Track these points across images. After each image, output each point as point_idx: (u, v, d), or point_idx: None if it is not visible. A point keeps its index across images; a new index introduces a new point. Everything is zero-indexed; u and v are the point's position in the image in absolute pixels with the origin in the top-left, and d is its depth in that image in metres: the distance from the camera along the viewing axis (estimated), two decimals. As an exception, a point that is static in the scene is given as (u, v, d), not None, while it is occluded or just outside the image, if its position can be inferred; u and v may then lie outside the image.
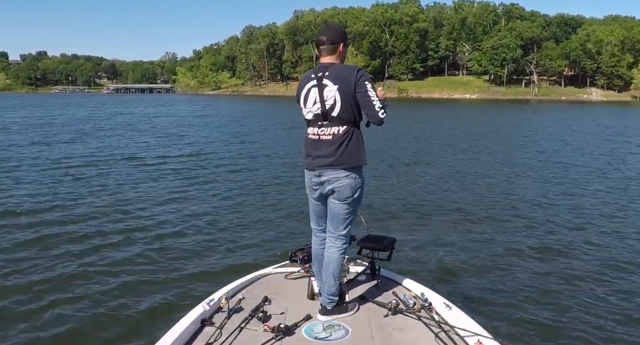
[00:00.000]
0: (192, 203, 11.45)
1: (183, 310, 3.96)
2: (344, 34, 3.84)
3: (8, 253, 7.83)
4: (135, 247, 8.27)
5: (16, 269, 7.19)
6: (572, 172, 16.21)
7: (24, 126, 32.94)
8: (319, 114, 3.70)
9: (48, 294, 6.35)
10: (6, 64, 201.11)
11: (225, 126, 35.15)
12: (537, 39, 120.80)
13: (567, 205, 11.63)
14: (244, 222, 9.91)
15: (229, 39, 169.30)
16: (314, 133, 3.76)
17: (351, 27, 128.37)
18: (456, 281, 7.04)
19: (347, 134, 3.66)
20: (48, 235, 8.74)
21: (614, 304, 6.32)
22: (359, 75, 3.58)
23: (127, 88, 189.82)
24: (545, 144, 24.47)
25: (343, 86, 3.59)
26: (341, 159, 3.67)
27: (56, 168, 15.77)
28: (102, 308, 5.99)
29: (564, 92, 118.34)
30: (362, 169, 3.79)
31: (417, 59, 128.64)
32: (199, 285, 6.63)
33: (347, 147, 3.66)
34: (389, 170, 16.43)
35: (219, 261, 7.69)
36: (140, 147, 22.09)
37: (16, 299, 6.21)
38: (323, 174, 3.74)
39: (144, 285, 6.72)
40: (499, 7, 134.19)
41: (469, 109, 66.77)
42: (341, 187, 3.73)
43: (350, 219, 3.87)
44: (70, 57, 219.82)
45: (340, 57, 3.79)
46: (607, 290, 6.74)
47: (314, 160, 3.77)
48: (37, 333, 5.42)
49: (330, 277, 3.85)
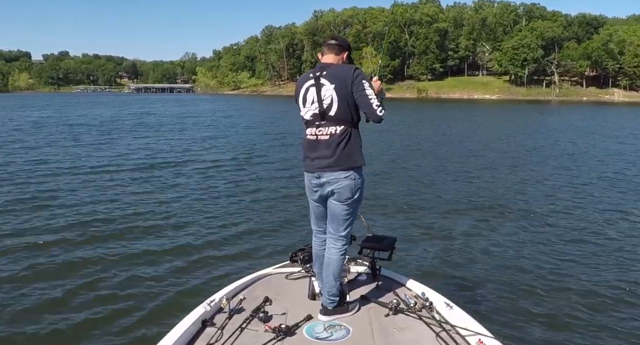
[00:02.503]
0: (192, 203, 11.51)
1: (184, 310, 3.98)
2: (351, 48, 3.92)
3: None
4: (135, 247, 8.32)
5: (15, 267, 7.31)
6: (583, 177, 16.03)
7: (62, 125, 33.62)
8: (316, 114, 3.70)
9: (48, 293, 6.41)
10: (29, 63, 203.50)
11: (240, 127, 35.24)
12: (559, 39, 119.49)
13: (570, 205, 11.64)
14: (244, 222, 9.96)
15: (248, 39, 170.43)
16: (312, 134, 3.75)
17: (370, 27, 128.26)
18: (457, 281, 7.04)
19: (344, 134, 3.65)
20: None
21: (617, 304, 6.30)
22: (356, 74, 3.58)
23: (147, 88, 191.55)
24: (558, 148, 24.22)
25: (340, 85, 3.59)
26: (339, 160, 3.65)
27: (75, 172, 15.88)
28: (103, 308, 6.03)
29: (585, 93, 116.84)
30: (362, 170, 3.77)
31: (437, 59, 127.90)
32: (199, 285, 6.66)
33: (345, 148, 3.64)
34: (390, 170, 16.47)
35: (219, 261, 7.72)
36: (154, 149, 22.34)
37: (15, 297, 6.28)
38: (322, 176, 3.73)
39: (145, 286, 6.75)
40: (520, 7, 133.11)
41: (487, 110, 66.14)
42: (341, 189, 3.71)
43: (351, 220, 3.86)
44: (92, 57, 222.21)
45: (346, 60, 3.83)
46: (610, 290, 6.71)
47: (312, 162, 3.76)
48: (37, 333, 5.45)
49: (330, 277, 3.84)
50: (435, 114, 54.20)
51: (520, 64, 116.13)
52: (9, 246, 8.11)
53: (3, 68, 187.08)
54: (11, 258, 7.59)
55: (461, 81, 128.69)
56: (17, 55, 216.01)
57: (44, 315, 5.82)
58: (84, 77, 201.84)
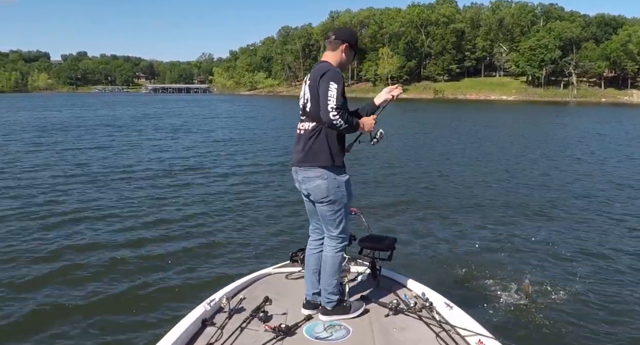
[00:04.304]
0: (192, 203, 11.54)
1: (184, 310, 4.00)
2: (353, 37, 3.83)
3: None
4: (135, 247, 8.34)
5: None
6: (584, 170, 15.95)
7: (98, 125, 34.14)
8: (301, 108, 3.78)
9: (48, 293, 6.45)
10: (48, 64, 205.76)
11: (256, 128, 35.32)
12: (577, 40, 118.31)
13: (570, 205, 11.66)
14: (244, 222, 9.98)
15: (265, 39, 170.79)
16: (297, 127, 3.82)
17: (387, 28, 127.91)
18: (457, 281, 7.03)
19: (314, 131, 3.64)
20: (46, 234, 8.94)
21: (616, 304, 6.28)
22: (325, 73, 3.53)
23: (165, 88, 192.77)
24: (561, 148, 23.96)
25: (312, 83, 3.62)
26: (307, 157, 3.66)
27: (77, 173, 16.08)
28: (103, 308, 6.06)
29: (603, 94, 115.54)
30: (341, 170, 3.71)
31: (454, 60, 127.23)
32: (199, 285, 6.68)
33: (312, 145, 3.64)
34: (391, 170, 16.48)
35: (220, 261, 7.74)
36: (166, 150, 22.51)
37: (15, 297, 6.33)
38: (297, 172, 3.78)
39: (145, 285, 6.78)
40: (537, 7, 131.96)
41: (502, 111, 65.50)
42: (313, 188, 3.70)
43: (339, 220, 3.77)
44: (110, 57, 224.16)
45: (340, 57, 3.77)
46: (609, 291, 6.69)
47: (293, 155, 3.82)
48: (37, 332, 5.48)
49: (325, 275, 3.83)
50: (445, 115, 53.92)
51: (537, 64, 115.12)
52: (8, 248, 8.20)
53: (22, 68, 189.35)
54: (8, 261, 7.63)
55: (478, 82, 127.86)
56: (37, 55, 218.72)
57: (43, 316, 5.85)
58: (102, 77, 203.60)
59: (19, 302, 6.17)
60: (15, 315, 5.86)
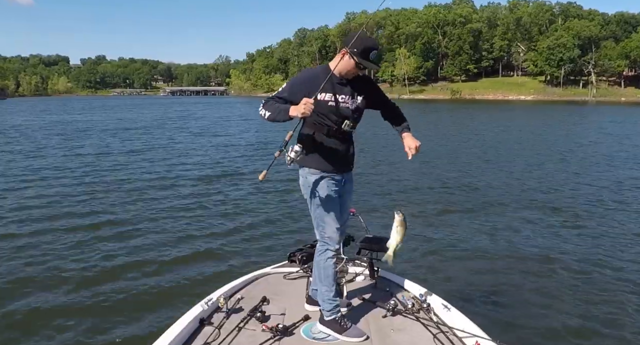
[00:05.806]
0: (191, 203, 11.60)
1: (181, 309, 4.00)
2: (355, 42, 3.65)
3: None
4: (134, 246, 8.41)
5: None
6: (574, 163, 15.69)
7: (123, 129, 34.55)
8: None
9: (47, 293, 6.51)
10: (67, 67, 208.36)
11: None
12: (596, 39, 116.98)
13: (571, 205, 11.60)
14: (243, 222, 10.02)
15: (281, 41, 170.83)
16: None
17: (403, 29, 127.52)
18: (455, 282, 7.01)
19: (296, 129, 3.62)
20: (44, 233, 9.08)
21: (614, 305, 6.24)
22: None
23: (182, 90, 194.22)
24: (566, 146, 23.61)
25: None
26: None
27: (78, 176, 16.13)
28: (101, 307, 6.11)
29: (623, 93, 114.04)
30: (313, 172, 3.62)
31: (471, 60, 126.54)
32: (197, 284, 6.71)
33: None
34: (390, 170, 16.43)
35: (217, 261, 7.78)
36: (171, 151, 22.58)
37: (14, 297, 6.39)
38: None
39: (143, 284, 6.82)
40: (556, 6, 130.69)
41: (522, 111, 65.00)
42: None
43: (316, 220, 3.72)
44: (128, 60, 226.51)
45: (336, 62, 3.74)
46: (607, 292, 6.65)
47: None
48: (36, 332, 5.52)
49: (315, 279, 3.84)
50: (456, 115, 53.61)
51: (556, 64, 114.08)
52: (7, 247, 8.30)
53: (43, 72, 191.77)
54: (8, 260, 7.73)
55: (495, 82, 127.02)
56: (56, 59, 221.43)
57: (42, 316, 5.89)
58: (120, 80, 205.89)
59: (18, 303, 6.22)
60: (15, 315, 5.91)
